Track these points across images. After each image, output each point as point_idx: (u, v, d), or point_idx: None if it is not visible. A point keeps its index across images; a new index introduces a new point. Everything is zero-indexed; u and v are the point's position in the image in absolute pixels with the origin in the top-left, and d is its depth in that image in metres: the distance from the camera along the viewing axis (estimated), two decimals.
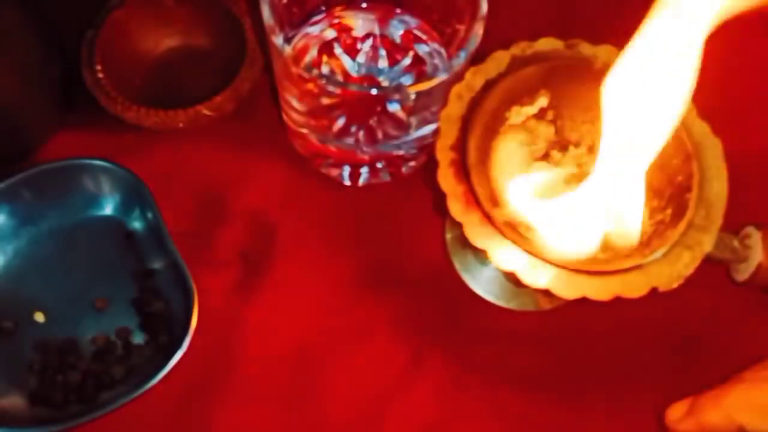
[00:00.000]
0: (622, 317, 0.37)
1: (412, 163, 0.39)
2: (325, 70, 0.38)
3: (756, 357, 0.34)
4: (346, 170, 0.39)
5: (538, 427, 0.35)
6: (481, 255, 0.38)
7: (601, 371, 0.36)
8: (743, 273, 0.35)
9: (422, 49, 0.39)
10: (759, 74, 0.45)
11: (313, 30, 0.39)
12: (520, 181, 0.31)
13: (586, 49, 0.32)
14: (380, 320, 0.37)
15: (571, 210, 0.29)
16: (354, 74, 0.38)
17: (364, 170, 0.39)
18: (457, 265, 0.38)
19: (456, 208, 0.29)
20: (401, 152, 0.38)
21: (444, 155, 0.30)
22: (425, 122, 0.35)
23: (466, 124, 0.30)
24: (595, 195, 0.29)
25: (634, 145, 0.27)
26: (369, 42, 0.39)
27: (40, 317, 0.36)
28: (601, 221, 0.30)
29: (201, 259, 0.37)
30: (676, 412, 0.34)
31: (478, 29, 0.33)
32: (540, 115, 0.33)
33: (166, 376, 0.32)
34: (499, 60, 0.32)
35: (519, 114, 0.32)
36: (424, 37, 0.39)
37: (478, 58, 0.32)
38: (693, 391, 0.34)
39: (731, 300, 0.37)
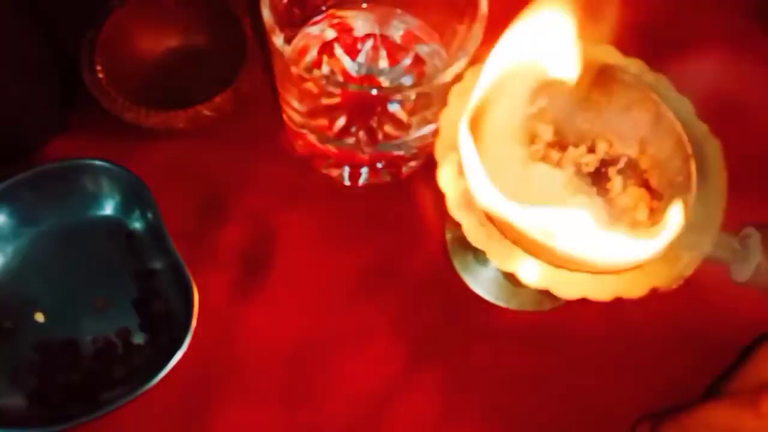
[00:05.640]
0: (622, 317, 0.37)
1: (412, 163, 0.39)
2: (325, 70, 0.38)
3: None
4: (346, 170, 0.39)
5: (538, 427, 0.35)
6: (481, 255, 0.38)
7: (601, 371, 0.36)
8: (743, 273, 0.35)
9: (422, 50, 0.39)
10: (759, 74, 0.45)
11: (314, 30, 0.39)
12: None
13: (586, 49, 0.32)
14: (380, 320, 0.37)
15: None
16: (354, 74, 0.38)
17: (364, 170, 0.39)
18: (457, 265, 0.38)
19: (456, 208, 0.29)
20: (401, 152, 0.38)
21: (444, 155, 0.30)
22: (425, 122, 0.35)
23: None
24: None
25: None
26: (369, 42, 0.39)
27: (40, 317, 0.36)
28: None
29: (201, 259, 0.37)
30: None
31: (478, 30, 0.33)
32: (540, 115, 0.33)
33: (166, 376, 0.32)
34: None
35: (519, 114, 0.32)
36: (424, 37, 0.39)
37: (477, 59, 0.32)
38: (693, 391, 0.34)
39: (730, 300, 0.37)
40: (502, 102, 0.30)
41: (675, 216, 0.27)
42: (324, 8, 0.39)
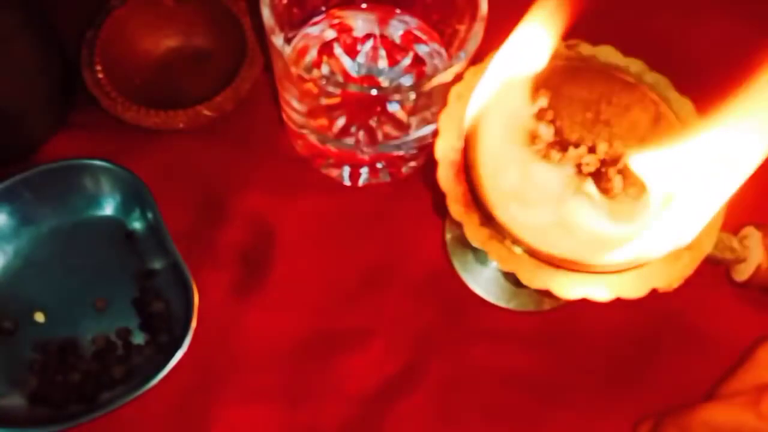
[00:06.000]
0: (622, 317, 0.37)
1: (412, 164, 0.39)
2: (325, 70, 0.38)
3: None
4: (346, 170, 0.39)
5: (538, 427, 0.35)
6: (481, 255, 0.38)
7: (601, 371, 0.36)
8: (743, 273, 0.35)
9: (422, 50, 0.39)
10: (759, 74, 0.45)
11: (313, 30, 0.39)
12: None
13: (585, 49, 0.32)
14: (380, 320, 0.37)
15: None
16: (354, 75, 0.38)
17: (364, 170, 0.39)
18: (457, 266, 0.38)
19: (456, 208, 0.29)
20: (401, 152, 0.38)
21: (444, 155, 0.30)
22: (425, 122, 0.35)
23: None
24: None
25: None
26: (369, 42, 0.39)
27: (40, 317, 0.36)
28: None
29: (201, 259, 0.37)
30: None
31: (478, 29, 0.33)
32: (539, 115, 0.33)
33: (166, 376, 0.33)
34: None
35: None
36: (424, 37, 0.39)
37: (477, 59, 0.32)
38: (693, 391, 0.34)
39: (730, 300, 0.37)
40: (502, 102, 0.30)
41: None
42: (324, 8, 0.39)
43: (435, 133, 0.30)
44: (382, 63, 0.39)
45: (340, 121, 0.36)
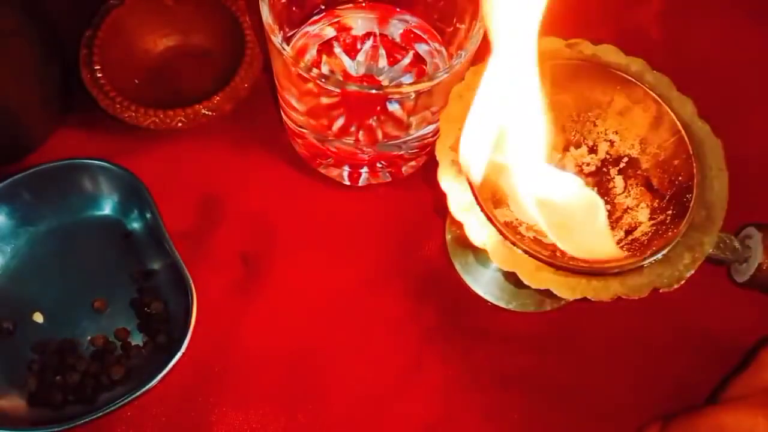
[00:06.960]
0: (623, 318, 0.37)
1: (412, 163, 0.39)
2: (324, 69, 0.38)
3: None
4: (346, 170, 0.39)
5: (538, 427, 0.35)
6: (481, 255, 0.38)
7: (602, 372, 0.36)
8: (743, 274, 0.35)
9: (422, 49, 0.39)
10: (759, 74, 0.45)
11: (313, 29, 0.39)
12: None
13: (586, 48, 0.32)
14: (380, 320, 0.37)
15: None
16: (354, 74, 0.38)
17: (364, 170, 0.39)
18: (457, 266, 0.38)
19: (457, 208, 0.29)
20: (401, 152, 0.37)
21: (444, 155, 0.30)
22: (425, 122, 0.35)
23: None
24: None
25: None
26: (369, 41, 0.39)
27: (39, 318, 0.36)
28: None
29: (200, 259, 0.37)
30: None
31: (479, 29, 0.33)
32: (540, 114, 0.33)
33: (165, 377, 0.32)
34: None
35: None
36: (424, 36, 0.39)
37: (478, 58, 0.32)
38: (694, 391, 0.34)
39: (731, 301, 0.37)
40: (503, 102, 0.30)
41: None
42: (323, 7, 0.39)
43: (435, 133, 0.30)
44: (382, 62, 0.39)
45: (340, 121, 0.36)
